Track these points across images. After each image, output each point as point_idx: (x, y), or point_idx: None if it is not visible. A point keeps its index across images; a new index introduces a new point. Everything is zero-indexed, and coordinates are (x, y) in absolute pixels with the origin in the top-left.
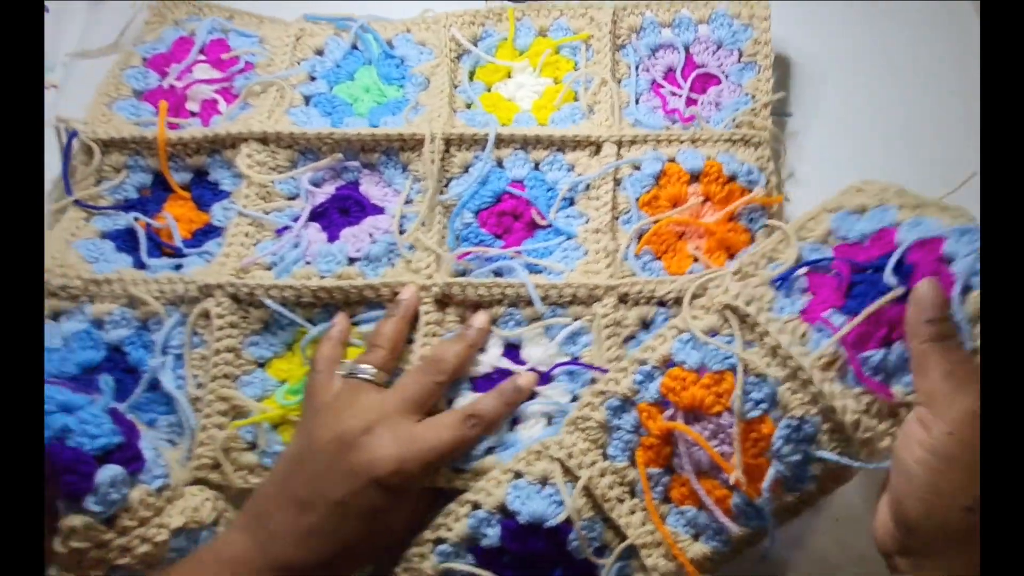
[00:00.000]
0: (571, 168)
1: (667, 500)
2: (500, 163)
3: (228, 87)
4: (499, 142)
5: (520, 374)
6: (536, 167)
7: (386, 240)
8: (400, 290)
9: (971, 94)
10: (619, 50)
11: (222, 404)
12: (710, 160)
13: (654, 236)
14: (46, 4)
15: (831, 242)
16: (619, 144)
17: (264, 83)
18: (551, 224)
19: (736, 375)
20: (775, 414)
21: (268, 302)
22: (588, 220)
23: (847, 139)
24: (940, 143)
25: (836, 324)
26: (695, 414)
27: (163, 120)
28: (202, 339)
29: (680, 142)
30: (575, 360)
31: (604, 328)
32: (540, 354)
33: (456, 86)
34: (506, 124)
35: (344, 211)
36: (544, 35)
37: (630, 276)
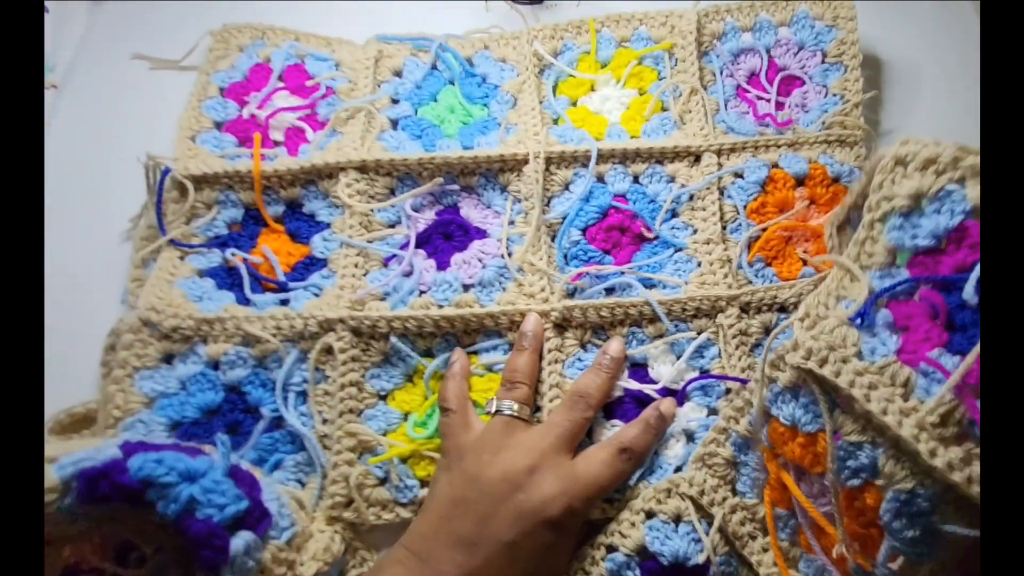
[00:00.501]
0: (671, 179)
1: (796, 543)
2: (601, 178)
3: (312, 114)
4: (599, 157)
5: (661, 400)
6: (636, 180)
7: (495, 264)
8: (521, 318)
9: (971, 94)
10: (702, 57)
11: (351, 440)
12: (813, 163)
13: (764, 243)
14: (46, 4)
15: (902, 260)
16: (718, 153)
17: (352, 109)
18: (658, 236)
19: (827, 443)
20: (880, 482)
21: (393, 339)
22: (696, 231)
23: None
24: None
25: (946, 366)
26: (799, 470)
27: (257, 153)
28: (323, 374)
29: (778, 147)
30: (707, 374)
31: (732, 339)
32: (670, 371)
33: (541, 101)
34: (598, 138)
35: (447, 236)
36: (624, 46)
37: (747, 285)
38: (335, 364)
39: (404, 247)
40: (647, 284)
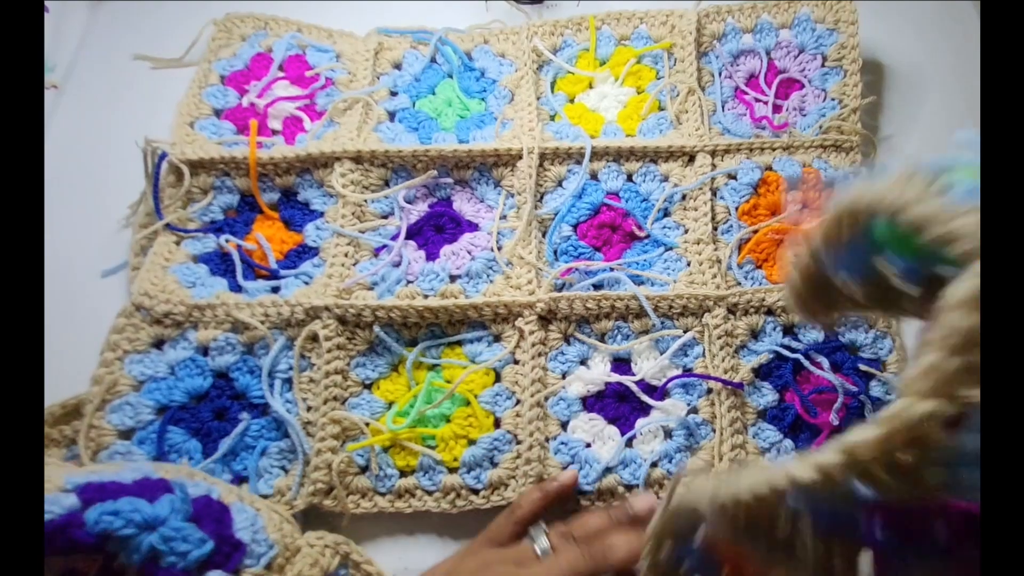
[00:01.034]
0: (665, 179)
1: None
2: (594, 175)
3: (311, 104)
4: (593, 155)
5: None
6: (629, 178)
7: (485, 257)
8: (505, 310)
9: (971, 94)
10: (701, 57)
11: (335, 427)
12: (807, 167)
13: (755, 245)
14: (46, 4)
15: None
16: (712, 153)
17: (350, 100)
18: (649, 235)
19: None
20: None
21: (376, 329)
22: (686, 231)
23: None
24: None
25: None
26: None
27: (254, 141)
28: (309, 362)
29: (773, 150)
30: (689, 372)
31: (717, 339)
32: (652, 368)
33: (539, 97)
34: (594, 136)
35: (439, 228)
36: (624, 44)
37: (736, 286)
38: (320, 352)
39: (395, 238)
40: (636, 281)
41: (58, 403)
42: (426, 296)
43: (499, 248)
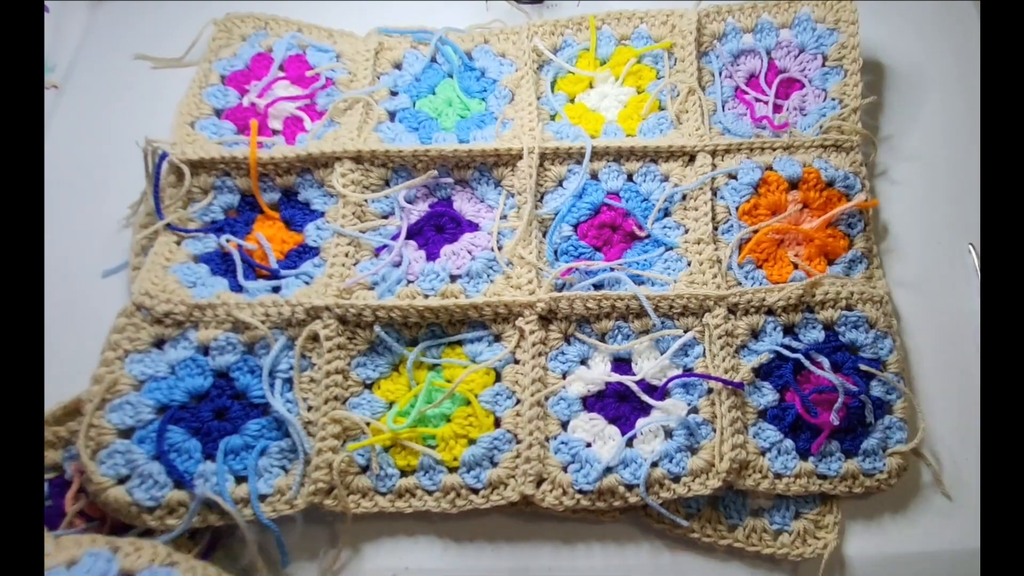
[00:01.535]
0: (665, 179)
1: None
2: (595, 175)
3: (311, 104)
4: (593, 154)
5: None
6: (630, 178)
7: (485, 256)
8: (505, 310)
9: (972, 94)
10: (702, 57)
11: (335, 427)
12: (807, 167)
13: (755, 245)
14: (46, 4)
15: None
16: (713, 153)
17: (350, 99)
18: (650, 235)
19: None
20: None
21: (377, 328)
22: (687, 231)
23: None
24: None
25: None
26: None
27: (255, 140)
28: (310, 362)
29: (773, 149)
30: (690, 372)
31: (717, 339)
32: (652, 367)
33: (539, 97)
34: (594, 136)
35: (439, 228)
36: (624, 44)
37: (736, 286)
38: (321, 352)
39: (395, 237)
40: (636, 281)
41: (59, 404)
42: (426, 296)
43: (499, 248)
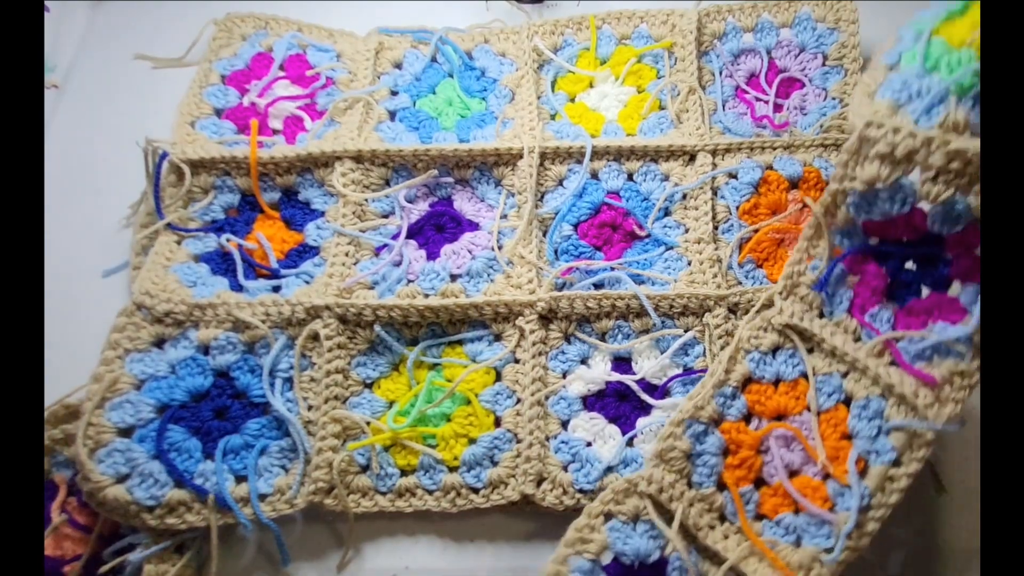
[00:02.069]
0: (666, 178)
1: (759, 517)
2: (595, 175)
3: (311, 103)
4: (593, 154)
5: None
6: (630, 178)
7: (485, 256)
8: (505, 309)
9: None
10: (702, 56)
11: (335, 426)
12: (808, 166)
13: (755, 244)
14: (46, 4)
15: (858, 225)
16: (713, 153)
17: (350, 99)
18: (650, 234)
19: (808, 378)
20: (845, 398)
21: (377, 328)
22: (687, 230)
23: None
24: None
25: (883, 319)
26: (779, 419)
27: (255, 139)
28: (310, 361)
29: (774, 149)
30: (690, 371)
31: (717, 339)
32: (652, 367)
33: (539, 97)
34: (595, 135)
35: (440, 228)
36: (625, 43)
37: (736, 285)
38: (321, 351)
39: (396, 237)
40: (636, 281)
41: (59, 402)
42: (427, 295)
43: (499, 247)
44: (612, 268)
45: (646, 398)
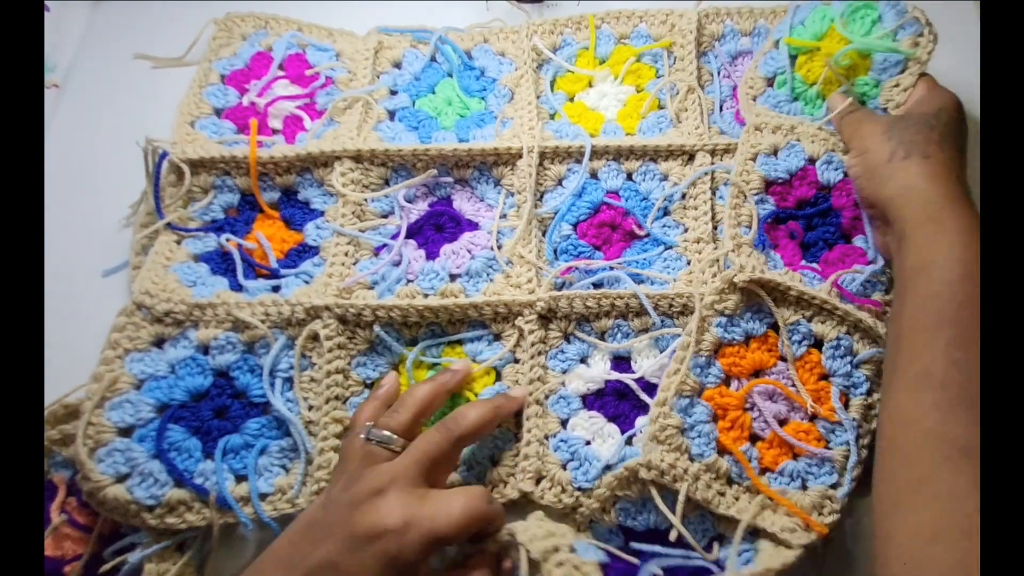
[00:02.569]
0: (665, 178)
1: (763, 472)
2: (594, 174)
3: (311, 103)
4: (592, 153)
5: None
6: (629, 177)
7: (485, 256)
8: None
9: (972, 94)
10: (701, 57)
11: (337, 427)
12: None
13: None
14: (46, 4)
15: (766, 187)
16: (712, 152)
17: (350, 99)
18: (649, 234)
19: (778, 330)
20: (816, 341)
21: (376, 328)
22: (686, 229)
23: None
24: None
25: (816, 269)
26: (757, 375)
27: (254, 139)
28: (310, 361)
29: None
30: None
31: None
32: (651, 366)
33: (539, 96)
34: (594, 135)
35: (439, 227)
36: (624, 42)
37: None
38: (321, 351)
39: (395, 237)
40: (636, 280)
41: (58, 401)
42: (426, 295)
43: (499, 247)
44: (611, 267)
45: (645, 397)
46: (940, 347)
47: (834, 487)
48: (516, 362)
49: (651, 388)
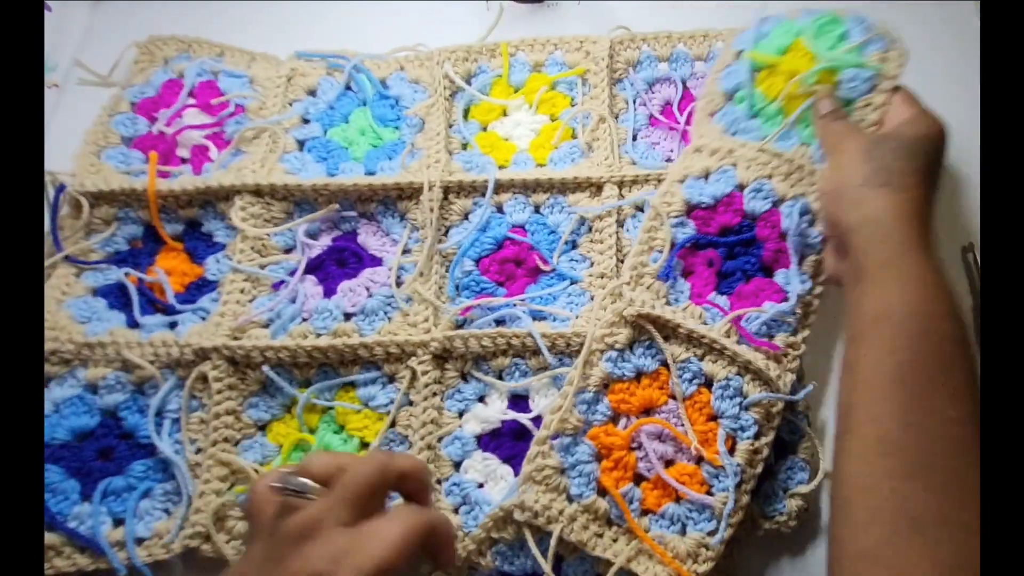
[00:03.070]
0: (573, 211)
1: (644, 513)
2: (500, 208)
3: (219, 132)
4: (498, 187)
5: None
6: (537, 210)
7: (383, 293)
8: (398, 350)
9: (971, 94)
10: (616, 84)
11: (221, 469)
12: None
13: None
14: (47, 4)
15: (688, 211)
16: (620, 184)
17: (256, 128)
18: (555, 269)
19: (669, 367)
20: (706, 380)
21: (265, 369)
22: (592, 264)
23: None
24: None
25: (721, 303)
26: (647, 413)
27: (153, 173)
28: (201, 402)
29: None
30: None
31: None
32: (549, 404)
33: (451, 126)
34: (504, 165)
35: (341, 263)
36: (539, 70)
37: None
38: (211, 392)
39: (293, 273)
40: (538, 317)
41: None
42: (319, 335)
43: (399, 284)
44: (514, 304)
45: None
46: (898, 410)
47: (712, 533)
48: (411, 404)
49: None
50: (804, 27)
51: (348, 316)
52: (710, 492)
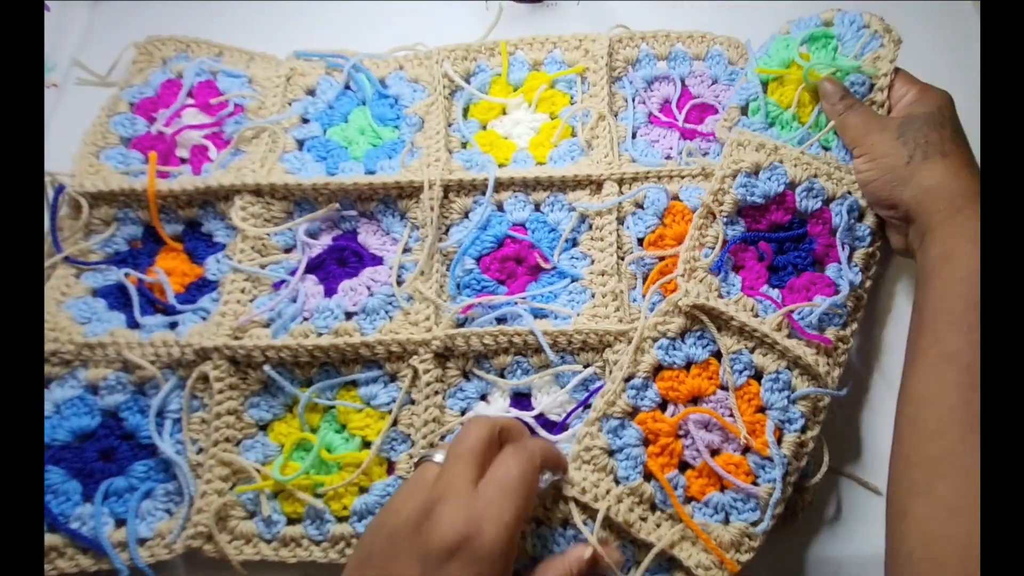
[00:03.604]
0: (573, 208)
1: (688, 500)
2: (500, 206)
3: (219, 132)
4: (498, 185)
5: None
6: (537, 208)
7: (384, 292)
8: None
9: (972, 94)
10: (615, 82)
11: (223, 469)
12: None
13: (660, 275)
14: (47, 4)
15: (740, 209)
16: (620, 182)
17: (256, 128)
18: (555, 267)
19: (719, 358)
20: (756, 372)
21: (266, 369)
22: (592, 261)
23: None
24: None
25: (773, 296)
26: (694, 402)
27: (152, 173)
28: (202, 403)
29: (681, 178)
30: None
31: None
32: (551, 402)
33: (450, 125)
34: (504, 164)
35: (342, 262)
36: (538, 69)
37: (639, 319)
38: (212, 392)
39: (294, 272)
40: (539, 315)
41: None
42: (320, 334)
43: (400, 283)
44: (515, 303)
45: (544, 434)
46: (964, 330)
47: (755, 523)
48: (412, 403)
49: (550, 425)
50: (797, 41)
51: (349, 315)
52: (755, 483)
